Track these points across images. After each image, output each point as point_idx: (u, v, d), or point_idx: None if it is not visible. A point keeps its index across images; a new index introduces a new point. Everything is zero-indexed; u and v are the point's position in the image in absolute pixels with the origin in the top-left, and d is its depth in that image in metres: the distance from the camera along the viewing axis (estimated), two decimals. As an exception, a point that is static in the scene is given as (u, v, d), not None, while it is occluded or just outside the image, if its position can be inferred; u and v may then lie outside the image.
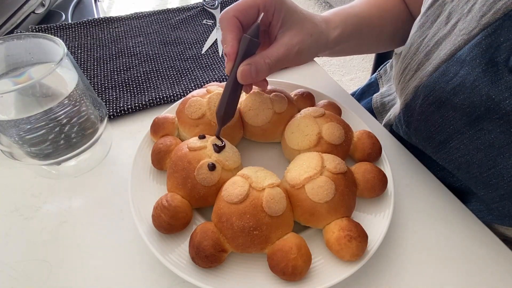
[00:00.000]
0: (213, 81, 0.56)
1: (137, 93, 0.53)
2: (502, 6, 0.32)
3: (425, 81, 0.39)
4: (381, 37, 0.50)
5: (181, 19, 0.70)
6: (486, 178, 0.35)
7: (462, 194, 0.41)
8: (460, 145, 0.37)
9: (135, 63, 0.59)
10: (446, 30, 0.38)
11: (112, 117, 0.49)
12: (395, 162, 0.44)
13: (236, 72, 0.35)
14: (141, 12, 0.71)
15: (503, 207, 0.36)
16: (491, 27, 0.33)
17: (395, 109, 0.49)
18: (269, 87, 0.44)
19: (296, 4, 0.37)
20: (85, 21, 0.66)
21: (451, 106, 0.36)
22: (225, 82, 0.50)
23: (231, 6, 0.35)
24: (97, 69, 0.57)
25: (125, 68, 0.57)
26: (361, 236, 0.32)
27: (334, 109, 0.44)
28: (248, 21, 0.35)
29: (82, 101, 0.38)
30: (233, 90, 0.36)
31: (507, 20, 0.32)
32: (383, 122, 0.52)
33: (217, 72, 0.58)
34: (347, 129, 0.41)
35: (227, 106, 0.36)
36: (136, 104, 0.50)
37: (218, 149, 0.36)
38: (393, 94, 0.57)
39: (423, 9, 0.42)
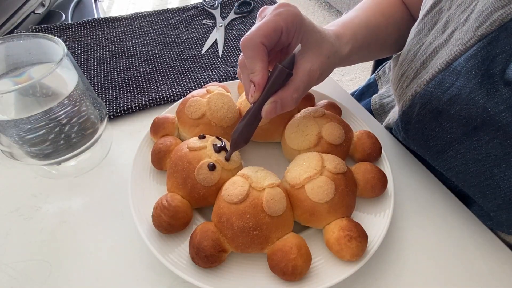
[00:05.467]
0: (213, 81, 0.56)
1: (137, 93, 0.53)
2: (498, 18, 0.32)
3: (422, 90, 0.39)
4: (386, 44, 0.49)
5: (181, 19, 0.70)
6: (483, 188, 0.35)
7: (464, 197, 0.41)
8: (457, 155, 0.37)
9: (135, 63, 0.59)
10: (442, 39, 0.38)
11: (112, 117, 0.49)
12: (395, 162, 0.44)
13: (261, 101, 0.33)
14: (141, 12, 0.71)
15: (500, 216, 0.36)
16: (487, 39, 0.33)
17: (394, 114, 0.49)
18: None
19: (313, 22, 0.36)
20: (85, 21, 0.66)
21: (448, 116, 0.36)
22: (226, 83, 0.50)
23: (254, 30, 0.32)
24: (97, 69, 0.57)
25: (125, 68, 0.57)
26: (361, 236, 0.32)
27: (334, 109, 0.44)
28: (271, 45, 0.33)
29: (82, 101, 0.38)
30: (254, 118, 0.35)
31: (503, 32, 0.32)
32: (383, 125, 0.52)
33: (217, 72, 0.58)
34: (347, 129, 0.41)
35: (244, 133, 0.35)
36: (136, 104, 0.50)
37: (218, 149, 0.36)
38: (392, 95, 0.57)
39: (420, 15, 0.42)
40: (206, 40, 0.65)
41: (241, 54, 0.34)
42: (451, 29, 0.37)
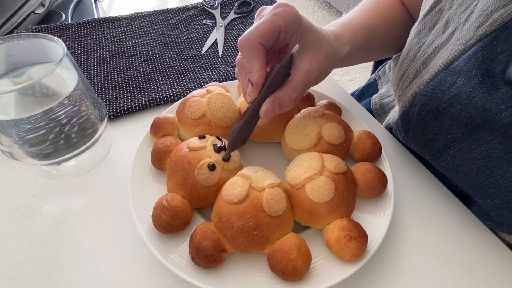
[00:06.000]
0: (213, 81, 0.56)
1: (137, 93, 0.53)
2: (499, 17, 0.32)
3: (422, 89, 0.39)
4: (385, 45, 0.49)
5: (181, 19, 0.70)
6: (484, 187, 0.35)
7: (463, 198, 0.41)
8: (457, 154, 0.37)
9: (135, 63, 0.59)
10: (443, 38, 0.38)
11: (112, 117, 0.49)
12: (395, 162, 0.44)
13: (259, 101, 0.33)
14: (141, 12, 0.71)
15: (500, 215, 0.36)
16: (488, 38, 0.33)
17: (394, 114, 0.49)
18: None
19: (311, 23, 0.36)
20: (85, 21, 0.66)
21: (448, 115, 0.36)
22: (226, 83, 0.50)
23: (252, 30, 0.32)
24: (97, 69, 0.57)
25: (125, 68, 0.57)
26: (361, 236, 0.32)
27: (334, 109, 0.44)
28: (270, 44, 0.33)
29: (82, 101, 0.38)
30: (252, 118, 0.35)
31: (504, 31, 0.32)
32: (383, 125, 0.52)
33: (217, 72, 0.58)
34: (347, 129, 0.41)
35: (242, 133, 0.35)
36: (136, 104, 0.50)
37: (218, 149, 0.36)
38: (392, 95, 0.57)
39: (421, 15, 0.42)
40: (206, 40, 0.65)
41: (239, 54, 0.34)
42: (451, 29, 0.37)
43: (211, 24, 0.70)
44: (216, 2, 0.74)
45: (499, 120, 0.32)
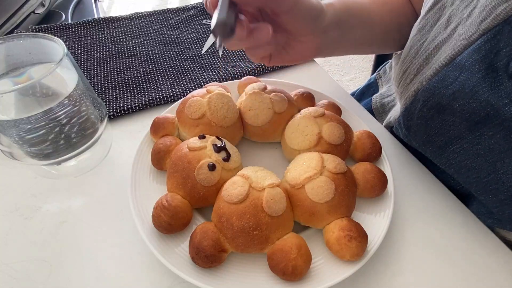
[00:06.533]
0: (213, 81, 0.56)
1: (137, 93, 0.53)
2: (502, 12, 0.32)
3: (425, 85, 0.39)
4: (387, 33, 0.48)
5: (181, 19, 0.70)
6: (486, 183, 0.35)
7: (463, 196, 0.41)
8: (460, 150, 0.37)
9: (135, 63, 0.59)
10: (445, 34, 0.38)
11: (112, 117, 0.49)
12: (395, 162, 0.44)
13: None
14: (141, 12, 0.71)
15: (503, 212, 0.36)
16: (491, 33, 0.33)
17: (395, 112, 0.49)
18: (269, 87, 0.44)
19: None
20: (85, 21, 0.66)
21: (451, 111, 0.36)
22: (226, 82, 0.50)
23: None
24: (97, 69, 0.57)
25: (125, 68, 0.57)
26: (361, 236, 0.32)
27: (334, 109, 0.44)
28: None
29: (82, 101, 0.38)
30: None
31: (507, 26, 0.32)
32: (383, 124, 0.52)
33: (217, 72, 0.58)
34: (347, 129, 0.41)
35: (221, 15, 0.29)
36: (136, 104, 0.50)
37: (218, 149, 0.36)
38: (392, 95, 0.57)
39: (422, 12, 0.42)
40: (206, 40, 0.65)
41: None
42: (454, 24, 0.37)
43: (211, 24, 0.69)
44: (216, 2, 0.74)
45: (502, 114, 0.32)
